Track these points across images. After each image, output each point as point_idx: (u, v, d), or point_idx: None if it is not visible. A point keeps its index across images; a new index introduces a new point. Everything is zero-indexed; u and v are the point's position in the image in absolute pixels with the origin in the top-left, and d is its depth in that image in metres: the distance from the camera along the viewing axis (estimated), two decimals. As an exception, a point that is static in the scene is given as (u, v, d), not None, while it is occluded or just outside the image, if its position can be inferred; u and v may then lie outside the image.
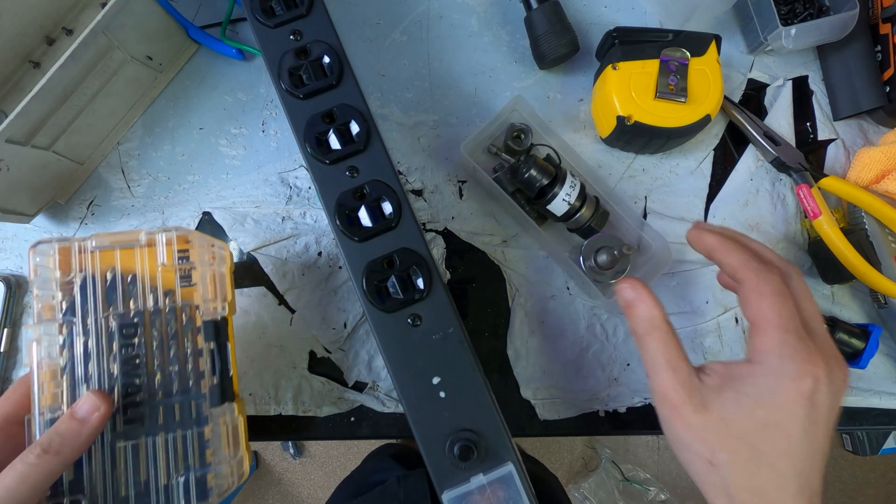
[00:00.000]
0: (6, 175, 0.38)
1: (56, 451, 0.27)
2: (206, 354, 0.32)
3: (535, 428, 0.43)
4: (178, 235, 0.33)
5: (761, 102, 0.48)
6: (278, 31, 0.36)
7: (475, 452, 0.29)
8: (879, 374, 0.44)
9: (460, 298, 0.44)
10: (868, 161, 0.44)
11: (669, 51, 0.42)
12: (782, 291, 0.26)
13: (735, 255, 0.29)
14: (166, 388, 0.31)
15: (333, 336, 0.43)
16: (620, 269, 0.41)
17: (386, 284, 0.32)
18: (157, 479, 0.30)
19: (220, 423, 0.32)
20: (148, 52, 0.43)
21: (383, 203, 0.33)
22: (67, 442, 0.27)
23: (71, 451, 0.28)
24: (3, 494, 0.26)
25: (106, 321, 0.31)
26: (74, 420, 0.28)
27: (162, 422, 0.31)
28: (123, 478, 0.30)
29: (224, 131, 0.46)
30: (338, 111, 0.34)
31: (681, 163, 0.46)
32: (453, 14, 0.48)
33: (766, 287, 0.27)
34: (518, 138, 0.43)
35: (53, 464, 0.27)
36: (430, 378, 0.31)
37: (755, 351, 0.26)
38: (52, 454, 0.27)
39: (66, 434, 0.28)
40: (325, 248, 0.45)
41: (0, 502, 0.26)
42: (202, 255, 0.33)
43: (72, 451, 0.28)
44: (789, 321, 0.26)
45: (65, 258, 0.31)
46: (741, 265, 0.28)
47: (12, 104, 0.40)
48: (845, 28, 0.44)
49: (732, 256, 0.29)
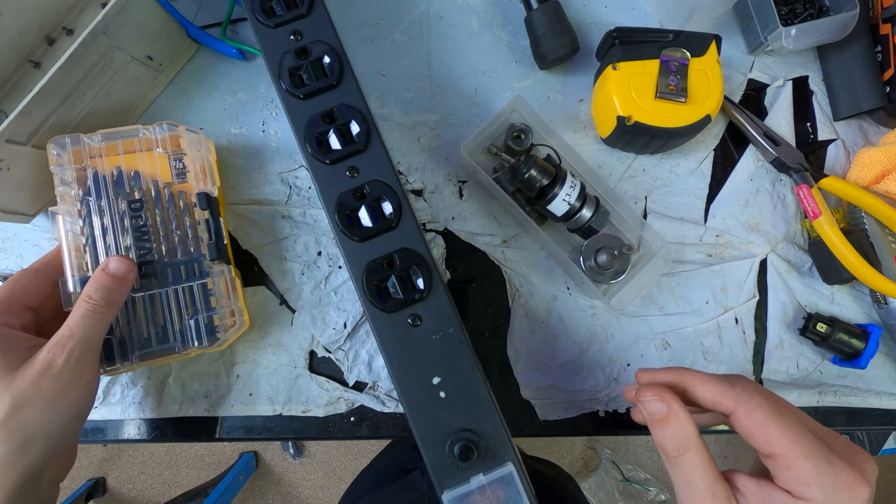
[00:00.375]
0: (6, 175, 0.38)
1: (107, 301, 0.34)
2: (202, 223, 0.39)
3: (535, 428, 0.43)
4: (171, 135, 0.40)
5: (761, 103, 0.48)
6: (278, 31, 0.36)
7: (475, 452, 0.29)
8: (879, 375, 0.44)
9: (460, 298, 0.44)
10: (868, 161, 0.44)
11: (669, 51, 0.42)
12: (780, 412, 0.25)
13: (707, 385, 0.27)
14: (172, 252, 0.39)
15: (333, 336, 0.43)
16: (620, 268, 0.41)
17: (386, 284, 0.32)
18: (172, 321, 0.38)
19: (218, 276, 0.39)
20: (148, 52, 0.43)
21: (383, 203, 0.33)
22: (113, 294, 0.34)
23: (118, 299, 0.35)
24: (81, 326, 0.33)
25: (116, 201, 0.39)
26: (115, 278, 0.34)
27: (171, 278, 0.39)
28: (144, 322, 0.38)
29: (224, 131, 0.46)
30: (338, 111, 0.34)
31: (681, 163, 0.46)
32: (453, 14, 0.48)
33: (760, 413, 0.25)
34: (518, 138, 0.43)
35: (107, 311, 0.34)
36: (430, 378, 0.31)
37: (793, 483, 0.24)
38: (105, 303, 0.34)
39: (112, 287, 0.34)
40: (325, 247, 0.45)
41: (80, 333, 0.32)
42: (191, 144, 0.40)
43: (118, 300, 0.35)
44: (810, 446, 0.24)
45: (77, 153, 0.39)
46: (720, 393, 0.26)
47: (12, 104, 0.40)
48: (845, 28, 0.44)
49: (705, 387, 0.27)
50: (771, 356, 0.44)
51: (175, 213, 0.40)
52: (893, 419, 0.44)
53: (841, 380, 0.44)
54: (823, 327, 0.42)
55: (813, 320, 0.42)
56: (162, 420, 0.43)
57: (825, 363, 0.44)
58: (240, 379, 0.43)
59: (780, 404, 0.25)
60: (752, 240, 0.45)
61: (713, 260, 0.45)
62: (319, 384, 0.43)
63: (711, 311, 0.44)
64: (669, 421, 0.27)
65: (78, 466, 1.42)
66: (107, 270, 0.34)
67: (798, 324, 0.44)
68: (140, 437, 0.43)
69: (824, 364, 0.44)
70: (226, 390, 0.43)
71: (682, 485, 0.26)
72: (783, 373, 0.43)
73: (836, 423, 0.44)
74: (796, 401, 0.43)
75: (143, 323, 0.38)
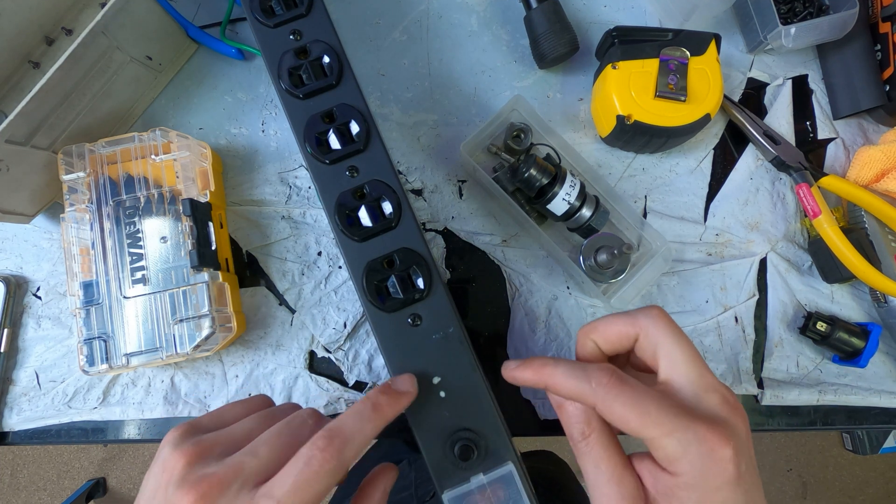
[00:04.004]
0: (6, 175, 0.38)
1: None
2: (187, 229, 0.40)
3: (535, 427, 0.43)
4: (164, 142, 0.41)
5: (761, 101, 0.48)
6: (278, 30, 0.36)
7: (475, 452, 0.29)
8: (879, 374, 0.44)
9: (460, 298, 0.44)
10: (868, 160, 0.44)
11: (669, 50, 0.42)
12: (636, 398, 0.24)
13: (565, 383, 0.26)
14: (162, 257, 0.40)
15: (333, 336, 0.43)
16: (620, 268, 0.41)
17: (386, 284, 0.32)
18: (160, 324, 0.39)
19: (203, 284, 0.39)
20: (147, 52, 0.43)
21: (383, 203, 0.33)
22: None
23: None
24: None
25: (114, 208, 0.41)
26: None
27: (161, 284, 0.40)
28: (135, 323, 0.39)
29: (224, 131, 0.46)
30: (338, 111, 0.34)
31: (681, 162, 0.46)
32: (453, 13, 0.48)
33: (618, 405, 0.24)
34: (518, 138, 0.43)
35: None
36: (430, 378, 0.31)
37: (665, 462, 0.24)
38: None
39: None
40: (325, 247, 0.45)
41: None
42: (182, 150, 0.41)
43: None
44: (671, 422, 0.23)
45: (82, 162, 0.41)
46: (579, 392, 0.25)
47: (12, 104, 0.40)
48: (845, 27, 0.44)
49: (564, 385, 0.26)
50: (771, 355, 0.44)
51: (167, 220, 0.41)
52: (893, 418, 0.44)
53: (841, 378, 0.44)
54: (823, 326, 0.42)
55: (813, 319, 0.42)
56: (162, 420, 0.43)
57: (825, 362, 0.44)
58: (239, 379, 0.43)
59: (635, 388, 0.24)
60: (751, 239, 0.45)
61: (713, 259, 0.45)
62: (319, 384, 0.43)
63: (711, 310, 0.44)
64: (570, 405, 0.27)
65: (78, 466, 1.42)
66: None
67: (798, 323, 0.44)
68: (140, 437, 0.43)
69: (824, 363, 0.44)
70: (226, 390, 0.43)
71: (590, 474, 0.26)
72: (783, 371, 0.44)
73: (837, 421, 0.44)
74: (796, 399, 0.43)
75: (131, 327, 0.39)
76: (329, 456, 0.23)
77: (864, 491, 1.42)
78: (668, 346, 0.26)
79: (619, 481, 0.24)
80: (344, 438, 0.24)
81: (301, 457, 0.23)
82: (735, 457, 0.23)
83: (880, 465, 1.43)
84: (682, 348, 0.26)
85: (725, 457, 0.23)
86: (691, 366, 0.25)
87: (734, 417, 0.24)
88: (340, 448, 0.24)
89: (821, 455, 1.43)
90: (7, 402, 0.43)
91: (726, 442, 0.23)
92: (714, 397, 0.25)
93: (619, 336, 0.27)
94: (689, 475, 0.23)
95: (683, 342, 0.26)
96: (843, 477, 1.42)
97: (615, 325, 0.28)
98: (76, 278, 0.40)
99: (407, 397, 0.28)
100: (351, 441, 0.24)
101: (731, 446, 0.23)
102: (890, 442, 1.39)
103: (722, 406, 0.24)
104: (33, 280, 0.45)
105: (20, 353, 0.44)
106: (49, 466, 1.42)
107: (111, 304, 0.40)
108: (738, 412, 0.25)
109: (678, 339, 0.26)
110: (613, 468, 0.25)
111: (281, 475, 0.23)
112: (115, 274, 0.40)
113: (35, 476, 1.42)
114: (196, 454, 0.24)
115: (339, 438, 0.24)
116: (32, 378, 0.43)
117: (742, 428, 0.24)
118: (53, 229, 0.46)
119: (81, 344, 0.39)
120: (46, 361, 0.44)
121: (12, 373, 0.44)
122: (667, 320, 0.27)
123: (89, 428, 0.43)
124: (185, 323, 0.39)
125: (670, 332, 0.26)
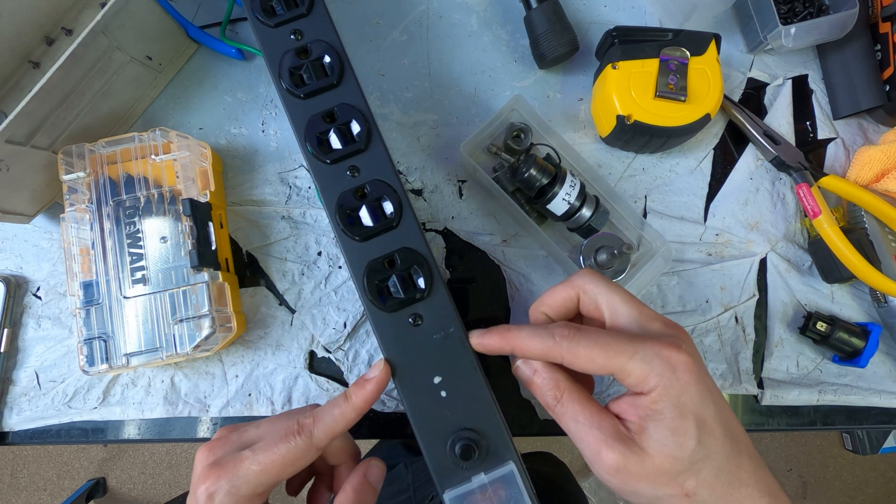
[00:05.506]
0: (6, 175, 0.38)
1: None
2: (187, 229, 0.40)
3: (535, 428, 0.43)
4: (164, 142, 0.41)
5: (761, 101, 0.48)
6: (279, 30, 0.36)
7: (476, 452, 0.29)
8: (879, 373, 0.44)
9: (460, 298, 0.44)
10: (868, 160, 0.44)
11: (669, 50, 0.42)
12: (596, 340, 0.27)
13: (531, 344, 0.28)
14: (162, 257, 0.40)
15: (333, 336, 0.43)
16: (620, 268, 0.41)
17: (387, 284, 0.32)
18: (160, 324, 0.39)
19: (202, 284, 0.39)
20: (147, 52, 0.43)
21: (384, 203, 0.33)
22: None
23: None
24: None
25: (114, 208, 0.41)
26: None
27: (161, 284, 0.40)
28: (134, 323, 0.39)
29: (224, 131, 0.46)
30: (338, 111, 0.34)
31: (681, 162, 0.46)
32: (453, 13, 0.48)
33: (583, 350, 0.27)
34: (518, 138, 0.43)
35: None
36: (430, 378, 0.31)
37: (637, 384, 0.26)
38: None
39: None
40: (325, 247, 0.45)
41: None
42: (182, 150, 0.41)
43: None
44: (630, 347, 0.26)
45: (82, 163, 0.41)
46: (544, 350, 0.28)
47: (12, 104, 0.40)
48: (845, 27, 0.44)
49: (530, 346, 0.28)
50: (771, 355, 0.44)
51: (167, 220, 0.41)
52: (893, 417, 0.44)
53: (841, 378, 0.44)
54: (823, 326, 0.42)
55: (813, 319, 0.42)
56: (162, 420, 0.43)
57: (825, 362, 0.44)
58: (239, 379, 0.43)
59: (592, 331, 0.27)
60: (751, 239, 0.45)
61: (713, 259, 0.45)
62: (319, 384, 0.43)
63: (711, 310, 0.44)
64: (537, 377, 0.29)
65: (78, 466, 1.42)
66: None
67: (798, 323, 0.44)
68: (140, 437, 0.43)
69: (824, 363, 0.44)
70: (226, 390, 0.43)
71: (572, 430, 0.28)
72: (783, 371, 0.44)
73: (837, 421, 0.44)
74: (796, 399, 0.43)
75: (131, 327, 0.39)
76: (300, 429, 0.29)
77: (864, 491, 1.42)
78: (606, 295, 0.29)
79: (599, 425, 0.27)
80: (315, 418, 0.29)
81: (280, 430, 0.29)
82: (692, 358, 0.26)
83: (880, 465, 1.43)
84: (618, 294, 0.29)
85: (682, 360, 0.26)
86: (630, 306, 0.29)
87: (679, 332, 0.28)
88: (311, 425, 0.29)
89: (821, 455, 1.43)
90: (7, 402, 0.43)
91: (678, 349, 0.26)
92: (656, 323, 0.28)
93: (563, 300, 0.31)
94: (660, 386, 0.26)
95: (617, 289, 0.30)
96: (843, 477, 1.42)
97: (557, 292, 0.31)
98: (76, 278, 0.40)
99: (373, 383, 0.30)
100: (320, 420, 0.29)
101: (685, 351, 0.26)
102: (890, 442, 1.39)
103: (666, 327, 0.28)
104: (33, 280, 0.45)
105: (20, 353, 0.44)
106: (49, 466, 1.42)
107: (111, 304, 0.40)
108: (679, 329, 0.29)
109: (612, 287, 0.30)
110: (590, 415, 0.27)
111: (262, 442, 0.29)
112: (115, 274, 0.40)
113: (35, 476, 1.42)
114: (226, 431, 0.31)
115: (312, 418, 0.29)
116: (32, 378, 0.43)
117: (687, 339, 0.28)
118: (53, 229, 0.45)
119: (81, 344, 0.39)
120: (46, 361, 0.43)
121: (12, 373, 0.44)
122: (599, 276, 0.30)
123: (89, 428, 0.43)
124: (185, 323, 0.39)
125: (604, 284, 0.30)
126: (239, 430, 0.31)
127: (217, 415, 0.43)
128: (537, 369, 0.29)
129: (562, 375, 0.29)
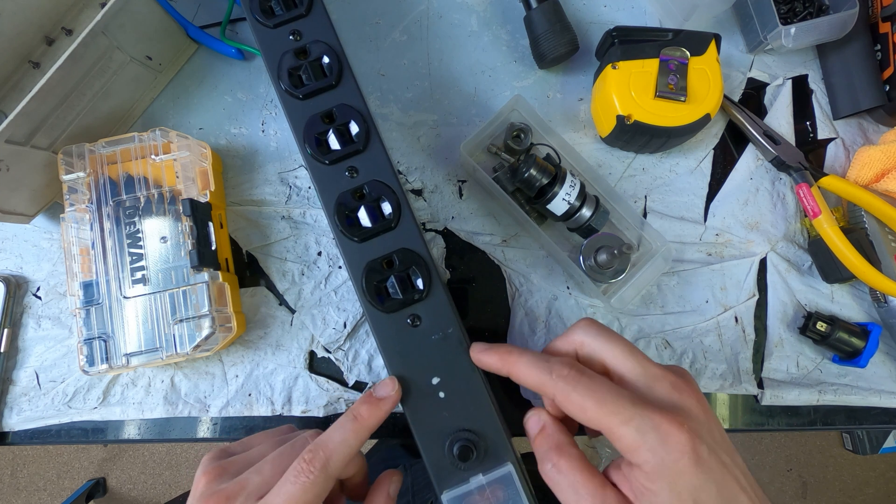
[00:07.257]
0: (6, 175, 0.38)
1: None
2: (187, 229, 0.40)
3: (535, 427, 0.43)
4: (164, 141, 0.41)
5: (761, 101, 0.48)
6: (278, 31, 0.36)
7: (475, 452, 0.29)
8: (879, 374, 0.44)
9: (460, 298, 0.44)
10: (868, 160, 0.44)
11: (669, 50, 0.42)
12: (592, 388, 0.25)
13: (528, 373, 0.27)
14: (162, 257, 0.40)
15: (333, 336, 0.43)
16: (620, 268, 0.41)
17: (385, 285, 0.32)
18: (160, 324, 0.39)
19: (203, 284, 0.39)
20: (147, 53, 0.43)
21: (383, 203, 0.33)
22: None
23: None
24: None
25: (114, 208, 0.41)
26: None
27: (161, 284, 0.40)
28: (134, 323, 0.39)
29: (224, 131, 0.46)
30: (337, 111, 0.34)
31: (681, 162, 0.46)
32: (453, 13, 0.48)
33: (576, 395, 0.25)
34: (518, 138, 0.43)
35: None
36: (429, 378, 0.31)
37: (627, 452, 0.24)
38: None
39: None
40: (325, 247, 0.45)
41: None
42: (182, 150, 0.41)
43: None
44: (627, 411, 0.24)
45: (82, 163, 0.41)
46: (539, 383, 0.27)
47: (12, 104, 0.40)
48: (845, 27, 0.44)
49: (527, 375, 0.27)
50: (771, 355, 0.44)
51: (167, 220, 0.41)
52: (893, 418, 0.44)
53: (841, 378, 0.44)
54: (823, 326, 0.42)
55: (813, 319, 0.42)
56: (162, 420, 0.43)
57: (825, 362, 0.44)
58: (239, 379, 0.43)
59: (592, 379, 0.25)
60: (751, 239, 0.45)
61: (713, 259, 0.45)
62: (319, 384, 0.43)
63: (711, 310, 0.44)
64: (543, 432, 0.28)
65: (78, 466, 1.42)
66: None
67: (798, 322, 0.44)
68: (140, 437, 0.43)
69: (824, 363, 0.44)
70: (225, 390, 0.43)
71: (571, 501, 0.26)
72: (783, 371, 0.43)
73: (837, 421, 0.44)
74: (796, 399, 0.43)
75: (131, 327, 0.39)
76: (313, 468, 0.26)
77: (864, 491, 1.42)
78: (606, 349, 0.27)
79: (603, 500, 0.25)
80: (327, 451, 0.27)
81: (291, 471, 0.26)
82: (691, 440, 0.23)
83: (880, 465, 1.43)
84: (619, 346, 0.27)
85: (681, 441, 0.23)
86: (633, 360, 0.27)
87: (687, 400, 0.25)
88: (324, 461, 0.27)
89: (821, 455, 1.43)
90: (7, 402, 0.43)
91: (679, 427, 0.23)
92: (663, 385, 0.26)
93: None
94: (651, 463, 0.23)
95: (616, 341, 0.27)
96: (843, 477, 1.42)
97: (556, 349, 0.29)
98: (76, 278, 0.40)
99: (387, 402, 0.29)
100: (334, 453, 0.27)
101: (686, 430, 0.23)
102: (890, 442, 1.39)
103: (672, 392, 0.25)
104: (33, 280, 0.45)
105: (20, 353, 0.44)
106: (49, 466, 1.42)
107: (111, 304, 0.40)
108: (689, 394, 0.25)
109: (612, 339, 0.27)
110: (594, 490, 0.25)
111: (275, 489, 0.26)
112: (115, 274, 0.40)
113: (35, 476, 1.42)
114: (216, 473, 0.28)
115: (323, 451, 0.27)
116: (32, 378, 0.43)
117: (697, 410, 0.25)
118: (53, 229, 0.46)
119: (81, 344, 0.39)
120: (46, 361, 0.44)
121: (12, 373, 0.44)
122: (597, 326, 0.28)
123: (89, 428, 0.43)
124: (185, 323, 0.39)
125: (602, 337, 0.28)
126: (241, 462, 0.29)
127: (217, 415, 0.43)
128: (545, 426, 0.28)
129: (567, 439, 0.27)
